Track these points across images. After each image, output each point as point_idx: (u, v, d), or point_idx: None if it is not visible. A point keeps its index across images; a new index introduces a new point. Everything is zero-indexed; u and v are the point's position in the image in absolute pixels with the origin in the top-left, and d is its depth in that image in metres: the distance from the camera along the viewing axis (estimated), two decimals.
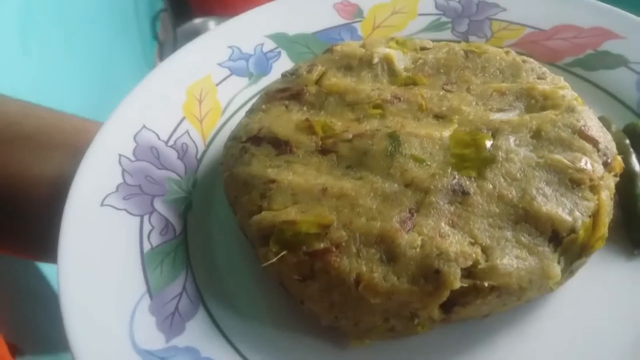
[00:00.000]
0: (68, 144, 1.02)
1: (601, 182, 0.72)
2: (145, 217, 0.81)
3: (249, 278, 0.77)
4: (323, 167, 0.76)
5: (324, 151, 0.78)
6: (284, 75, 0.90)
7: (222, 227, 0.84)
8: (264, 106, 0.85)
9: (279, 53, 1.04)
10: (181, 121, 0.93)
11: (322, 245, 0.68)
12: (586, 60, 0.99)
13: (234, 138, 0.83)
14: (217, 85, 0.99)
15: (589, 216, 0.70)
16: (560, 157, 0.73)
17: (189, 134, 0.92)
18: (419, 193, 0.71)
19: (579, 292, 0.75)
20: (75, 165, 0.85)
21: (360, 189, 0.72)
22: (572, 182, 0.72)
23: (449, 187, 0.72)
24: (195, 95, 0.96)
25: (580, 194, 0.71)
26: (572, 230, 0.69)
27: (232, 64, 1.02)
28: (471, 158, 0.74)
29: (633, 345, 0.70)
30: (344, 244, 0.68)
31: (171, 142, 0.90)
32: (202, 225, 0.84)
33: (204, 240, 0.82)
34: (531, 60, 0.89)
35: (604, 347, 0.70)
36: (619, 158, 0.76)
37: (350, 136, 0.78)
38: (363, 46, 0.92)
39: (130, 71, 2.60)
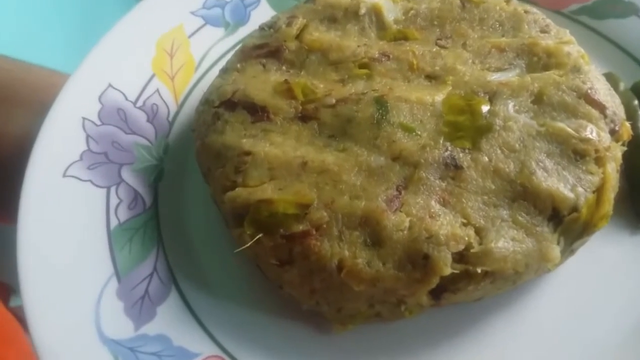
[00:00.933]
0: (34, 100, 0.94)
1: (607, 154, 0.66)
2: (112, 189, 0.75)
3: (225, 256, 0.72)
4: (303, 136, 0.69)
5: (304, 118, 0.71)
6: (261, 28, 0.81)
7: (196, 197, 0.78)
8: (239, 65, 0.77)
9: (259, 0, 0.95)
10: (150, 79, 0.85)
11: (301, 228, 0.62)
12: (594, 8, 0.90)
13: (206, 102, 0.75)
14: (189, 36, 0.90)
15: (593, 192, 0.64)
16: (563, 125, 0.67)
17: (159, 94, 0.85)
18: (407, 167, 0.65)
19: (577, 269, 0.70)
20: (42, 124, 0.78)
21: (344, 163, 0.66)
22: (576, 154, 0.66)
23: (441, 160, 0.65)
24: (166, 48, 0.88)
25: (584, 167, 0.65)
26: (574, 208, 0.63)
27: (206, 12, 0.92)
28: (466, 126, 0.68)
29: (634, 328, 0.66)
30: (325, 225, 0.62)
31: (140, 103, 0.83)
32: (174, 196, 0.78)
33: (177, 213, 0.76)
34: (534, 10, 0.80)
35: (603, 329, 0.66)
36: (627, 125, 0.70)
37: (333, 101, 0.71)
38: None
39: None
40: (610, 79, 0.80)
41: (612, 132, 0.68)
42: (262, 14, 0.93)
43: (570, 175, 0.64)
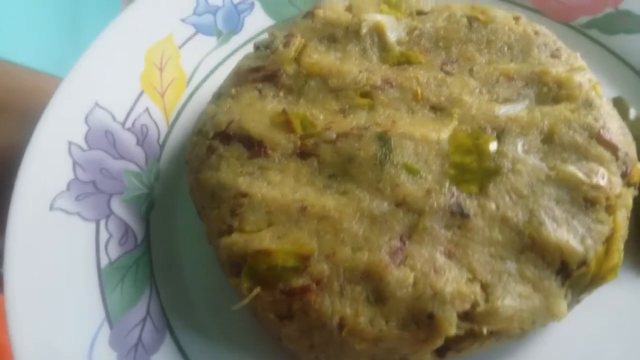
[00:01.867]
0: (16, 107, 0.90)
1: (618, 201, 0.63)
2: (102, 223, 0.72)
3: (222, 299, 0.69)
4: (302, 175, 0.66)
5: (303, 154, 0.67)
6: (257, 48, 0.77)
7: (190, 228, 0.75)
8: (233, 90, 0.73)
9: (252, 4, 0.90)
10: (139, 96, 0.81)
11: (300, 282, 0.60)
12: (604, 21, 0.86)
13: (199, 132, 0.71)
14: (180, 47, 0.85)
15: (603, 243, 0.62)
16: (574, 170, 0.64)
17: (149, 113, 0.80)
18: (411, 214, 0.62)
19: (580, 311, 0.68)
20: (26, 134, 0.74)
21: (345, 209, 0.63)
22: (586, 201, 0.63)
23: (447, 207, 0.62)
24: (155, 61, 0.83)
25: (594, 216, 0.63)
26: (583, 261, 0.61)
27: (197, 20, 0.87)
28: (472, 169, 0.65)
29: None
30: (325, 280, 0.60)
31: (129, 124, 0.79)
32: (167, 228, 0.75)
33: (170, 247, 0.74)
34: (544, 31, 0.76)
35: None
36: (639, 166, 0.67)
37: (334, 136, 0.67)
38: (350, 9, 0.78)
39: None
40: (620, 104, 0.77)
41: (624, 175, 0.65)
42: (256, 21, 0.89)
43: (580, 225, 0.62)
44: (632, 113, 0.76)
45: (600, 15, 0.86)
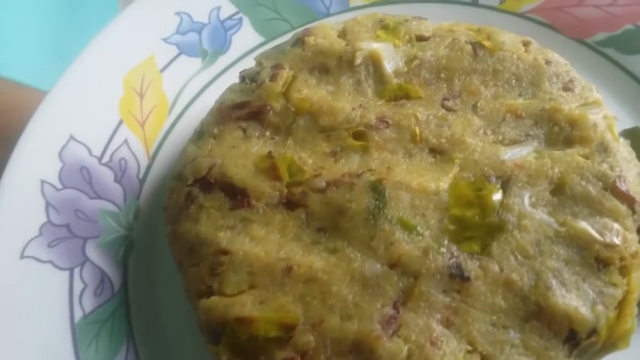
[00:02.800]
0: None
1: (634, 261, 0.58)
2: (76, 271, 0.67)
3: (205, 355, 0.64)
4: (289, 228, 0.61)
5: (290, 205, 0.62)
6: (242, 79, 0.71)
7: (172, 275, 0.69)
8: (215, 130, 0.67)
9: (240, 20, 0.84)
10: (118, 126, 0.75)
11: (284, 355, 0.55)
12: (623, 39, 0.79)
13: (178, 177, 0.66)
14: (162, 70, 0.80)
15: (615, 308, 0.57)
16: (586, 227, 0.58)
17: (128, 145, 0.75)
18: (407, 278, 0.57)
19: None
20: (3, 154, 0.70)
21: (334, 270, 0.58)
22: (598, 262, 0.57)
23: (445, 269, 0.57)
24: (135, 87, 0.77)
25: (606, 279, 0.57)
26: (593, 330, 0.56)
27: (180, 39, 0.81)
28: (474, 224, 0.59)
29: None
30: (311, 352, 0.55)
31: (106, 159, 0.73)
32: (147, 274, 0.70)
33: (149, 295, 0.69)
34: (556, 59, 0.69)
35: None
36: None
37: (324, 184, 0.62)
38: (343, 35, 0.72)
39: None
40: (637, 136, 0.70)
41: None
42: (245, 39, 0.83)
43: (591, 289, 0.57)
44: None
45: (619, 32, 0.79)
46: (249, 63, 0.77)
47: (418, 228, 0.59)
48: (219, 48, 0.82)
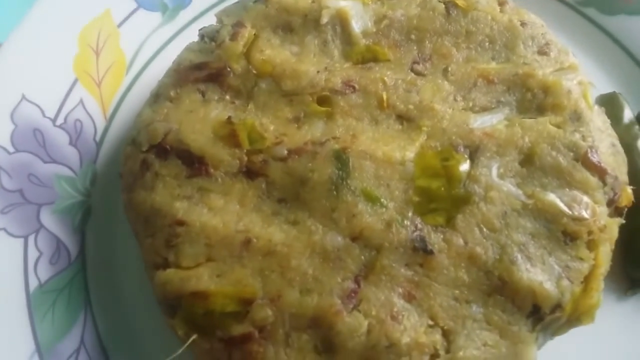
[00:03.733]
0: None
1: (602, 235, 0.56)
2: (31, 239, 0.65)
3: (166, 327, 0.62)
4: (248, 198, 0.58)
5: (249, 174, 0.59)
6: (201, 37, 0.67)
7: (131, 242, 0.67)
8: (172, 92, 0.64)
9: None
10: (73, 85, 0.71)
11: (241, 329, 0.54)
12: None
13: (133, 142, 0.63)
14: (119, 26, 0.75)
15: (581, 282, 0.56)
16: (554, 199, 0.57)
17: (83, 106, 0.71)
18: (369, 251, 0.55)
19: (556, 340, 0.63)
20: None
21: (295, 243, 0.56)
22: (566, 236, 0.56)
23: (408, 242, 0.55)
24: (91, 43, 0.73)
25: (573, 253, 0.56)
26: (558, 305, 0.55)
27: None
28: (440, 196, 0.57)
29: None
30: (269, 327, 0.54)
31: (60, 120, 0.70)
32: (104, 241, 0.68)
33: (107, 264, 0.67)
34: (532, 19, 0.66)
35: None
36: (629, 190, 0.60)
37: (285, 152, 0.59)
38: None
39: None
40: (614, 102, 0.69)
41: (610, 203, 0.58)
42: None
43: (557, 264, 0.55)
44: (627, 115, 0.67)
45: None
46: (212, 19, 0.73)
47: (382, 200, 0.57)
48: (180, 2, 0.77)
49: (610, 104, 0.68)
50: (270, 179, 0.59)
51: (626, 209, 0.60)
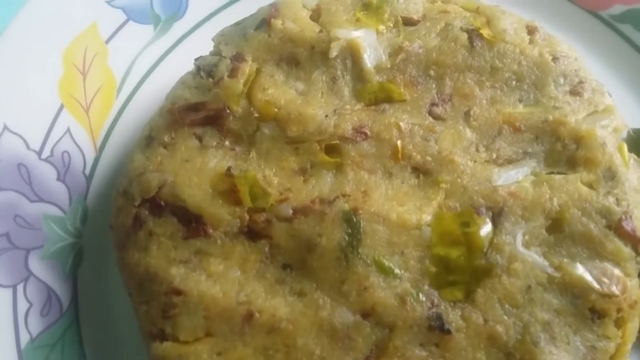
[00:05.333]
0: None
1: (632, 311, 0.52)
2: (20, 288, 0.61)
3: None
4: (250, 263, 0.54)
5: (251, 234, 0.55)
6: (197, 70, 0.60)
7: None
8: (166, 137, 0.58)
9: None
10: (59, 112, 0.66)
11: None
12: None
13: (124, 193, 0.58)
14: (107, 41, 0.68)
15: None
16: (583, 273, 0.52)
17: (71, 135, 0.66)
18: (381, 329, 0.52)
19: None
20: None
21: (301, 319, 0.52)
22: (593, 313, 0.52)
23: (424, 321, 0.51)
24: (76, 62, 0.67)
25: (600, 331, 0.52)
26: None
27: (127, 2, 0.69)
28: (459, 267, 0.53)
29: None
30: None
31: (46, 152, 0.64)
32: (98, 287, 0.64)
33: (102, 312, 0.63)
34: (564, 53, 0.59)
35: None
36: None
37: (290, 212, 0.54)
38: (317, 17, 0.61)
39: None
40: None
41: None
42: (204, 1, 0.70)
43: (582, 344, 0.52)
44: None
45: (638, 6, 0.68)
46: (210, 31, 0.66)
47: (395, 270, 0.52)
48: (174, 12, 0.70)
49: None
50: (274, 241, 0.54)
51: None
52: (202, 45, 0.64)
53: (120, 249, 0.57)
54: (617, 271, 0.52)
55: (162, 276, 0.54)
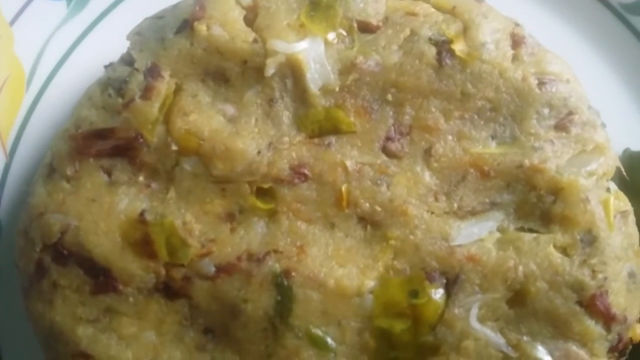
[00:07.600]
0: None
1: None
2: None
3: None
4: (167, 325, 0.48)
5: (168, 292, 0.48)
6: (105, 86, 0.50)
7: None
8: (69, 170, 0.49)
9: None
10: None
11: None
12: None
13: (25, 234, 0.50)
14: (11, 23, 0.57)
15: None
16: (543, 357, 0.46)
17: None
18: None
19: None
20: None
21: None
22: None
23: None
24: None
25: None
26: None
27: None
28: (403, 343, 0.46)
29: None
30: None
31: None
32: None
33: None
34: (556, 73, 0.48)
35: None
36: (638, 329, 0.48)
37: (213, 269, 0.47)
38: (252, 18, 0.49)
39: None
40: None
41: (613, 349, 0.47)
42: None
43: None
44: None
45: None
46: (133, 8, 0.55)
47: (330, 344, 0.46)
48: None
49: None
50: (194, 302, 0.47)
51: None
52: (127, 21, 0.53)
53: (25, 296, 0.50)
54: (582, 352, 0.46)
55: (68, 336, 0.48)
